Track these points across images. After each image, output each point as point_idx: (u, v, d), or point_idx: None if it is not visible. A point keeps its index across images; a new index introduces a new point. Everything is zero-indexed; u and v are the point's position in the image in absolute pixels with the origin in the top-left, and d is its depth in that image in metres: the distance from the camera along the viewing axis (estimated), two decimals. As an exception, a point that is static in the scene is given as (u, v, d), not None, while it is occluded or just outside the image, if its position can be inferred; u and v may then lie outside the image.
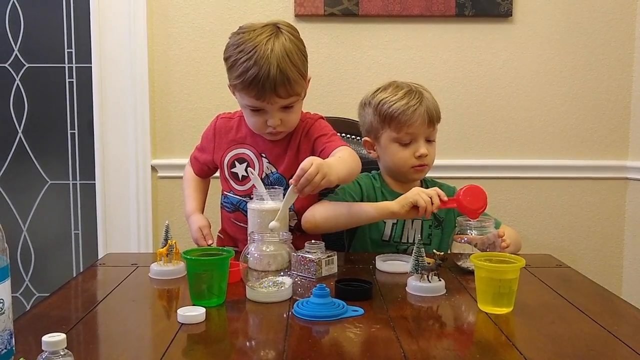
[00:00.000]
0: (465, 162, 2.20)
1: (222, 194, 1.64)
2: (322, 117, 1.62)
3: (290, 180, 1.28)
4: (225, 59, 1.47)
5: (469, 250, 1.38)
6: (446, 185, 1.70)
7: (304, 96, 1.51)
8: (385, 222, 1.58)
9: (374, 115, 1.58)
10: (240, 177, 1.57)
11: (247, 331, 1.09)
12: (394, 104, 1.55)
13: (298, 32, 1.49)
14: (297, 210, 1.54)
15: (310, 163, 1.25)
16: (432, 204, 1.37)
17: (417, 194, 1.38)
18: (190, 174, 1.69)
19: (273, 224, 1.26)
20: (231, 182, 1.58)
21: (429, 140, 1.58)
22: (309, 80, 1.50)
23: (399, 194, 1.58)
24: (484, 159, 2.21)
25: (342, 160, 1.41)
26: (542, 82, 2.19)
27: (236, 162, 1.57)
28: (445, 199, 1.39)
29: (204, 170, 1.67)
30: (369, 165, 1.71)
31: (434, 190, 1.39)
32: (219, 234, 1.68)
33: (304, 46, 1.48)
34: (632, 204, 2.22)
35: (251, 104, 1.44)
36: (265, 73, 1.37)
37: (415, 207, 1.38)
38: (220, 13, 2.16)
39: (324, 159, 1.42)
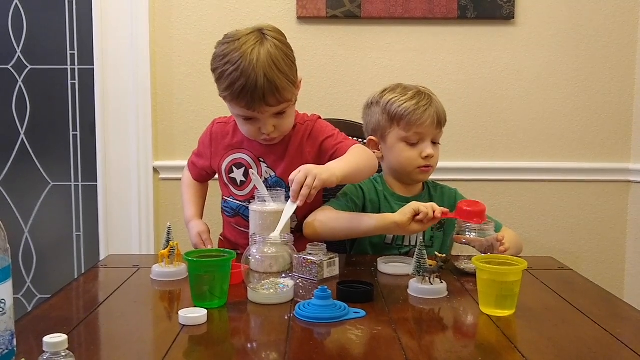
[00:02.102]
0: (468, 164, 2.20)
1: (222, 199, 1.63)
2: (319, 117, 1.61)
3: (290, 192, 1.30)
4: (213, 71, 1.44)
5: (468, 252, 1.38)
6: (447, 187, 1.70)
7: (296, 100, 1.48)
8: None
9: (382, 114, 1.58)
10: (239, 182, 1.56)
11: (248, 333, 1.09)
12: (404, 103, 1.55)
13: (284, 36, 1.45)
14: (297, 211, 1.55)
15: (297, 171, 1.29)
16: (433, 211, 1.36)
17: (416, 204, 1.36)
18: (189, 178, 1.69)
19: (274, 235, 1.24)
20: (230, 187, 1.58)
21: (435, 143, 1.58)
22: (300, 82, 1.48)
23: (401, 197, 1.58)
24: (486, 162, 2.21)
25: (343, 159, 1.42)
26: (544, 85, 2.19)
27: (234, 168, 1.56)
28: (440, 215, 1.36)
29: (202, 176, 1.67)
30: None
31: (430, 206, 1.36)
32: (220, 237, 1.68)
33: (291, 50, 1.45)
34: (635, 206, 2.22)
35: (242, 113, 1.43)
36: (253, 83, 1.34)
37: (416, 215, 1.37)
38: (222, 15, 2.16)
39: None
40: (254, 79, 1.34)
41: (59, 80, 2.30)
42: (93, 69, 2.20)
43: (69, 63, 2.29)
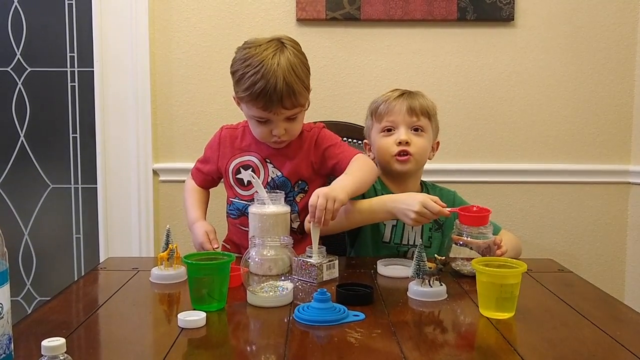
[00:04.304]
0: (467, 166, 2.20)
1: (227, 203, 1.66)
2: (324, 126, 1.66)
3: (307, 219, 1.39)
4: (233, 73, 1.52)
5: (465, 252, 1.37)
6: (446, 189, 1.70)
7: (308, 107, 1.56)
8: (385, 224, 1.59)
9: (367, 115, 1.67)
10: (245, 182, 1.60)
11: (247, 336, 1.09)
12: (380, 98, 1.63)
13: (300, 47, 1.54)
14: (300, 211, 1.57)
15: (316, 196, 1.34)
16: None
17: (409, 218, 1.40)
18: (192, 185, 1.72)
19: (314, 256, 1.33)
20: (236, 188, 1.62)
21: (417, 132, 1.58)
22: (310, 92, 1.55)
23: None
24: (485, 164, 2.21)
25: (350, 175, 1.48)
26: (544, 87, 2.19)
27: (241, 169, 1.61)
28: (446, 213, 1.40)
29: (207, 181, 1.70)
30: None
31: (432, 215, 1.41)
32: (225, 244, 1.69)
33: (307, 60, 1.54)
34: (635, 208, 2.21)
35: (258, 115, 1.50)
36: (273, 86, 1.43)
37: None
38: (222, 17, 2.16)
39: (340, 170, 1.53)
40: (274, 82, 1.43)
41: (59, 83, 2.30)
42: (93, 71, 2.20)
43: (68, 65, 2.29)
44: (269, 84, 1.43)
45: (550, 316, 1.13)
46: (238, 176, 1.61)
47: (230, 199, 1.64)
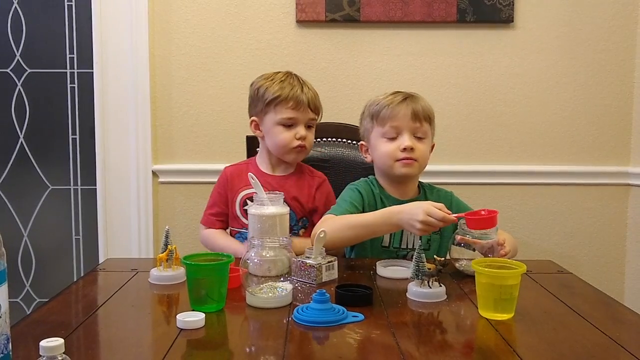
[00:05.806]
0: (467, 168, 2.20)
1: (233, 234, 1.70)
2: (326, 179, 1.77)
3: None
4: (256, 91, 1.68)
5: (468, 253, 1.37)
6: (444, 190, 1.70)
7: (320, 119, 1.73)
8: None
9: (366, 117, 1.65)
10: None
11: (246, 337, 1.09)
12: (380, 101, 1.61)
13: None
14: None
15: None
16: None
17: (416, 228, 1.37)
18: (213, 231, 1.73)
19: (313, 257, 1.35)
20: (242, 218, 1.68)
21: (419, 138, 1.58)
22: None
23: (397, 200, 1.58)
24: (485, 165, 2.21)
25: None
26: (543, 88, 2.19)
27: (247, 201, 1.66)
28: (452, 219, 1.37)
29: (225, 222, 1.73)
30: (369, 171, 1.71)
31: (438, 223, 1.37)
32: None
33: None
34: (634, 210, 2.21)
35: (287, 115, 1.64)
36: (299, 88, 1.65)
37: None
38: (221, 19, 2.17)
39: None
40: (299, 86, 1.66)
41: (58, 84, 2.30)
42: (92, 72, 2.20)
43: (68, 66, 2.29)
44: (295, 87, 1.65)
45: (550, 317, 1.13)
46: (245, 207, 1.66)
47: (236, 230, 1.69)
